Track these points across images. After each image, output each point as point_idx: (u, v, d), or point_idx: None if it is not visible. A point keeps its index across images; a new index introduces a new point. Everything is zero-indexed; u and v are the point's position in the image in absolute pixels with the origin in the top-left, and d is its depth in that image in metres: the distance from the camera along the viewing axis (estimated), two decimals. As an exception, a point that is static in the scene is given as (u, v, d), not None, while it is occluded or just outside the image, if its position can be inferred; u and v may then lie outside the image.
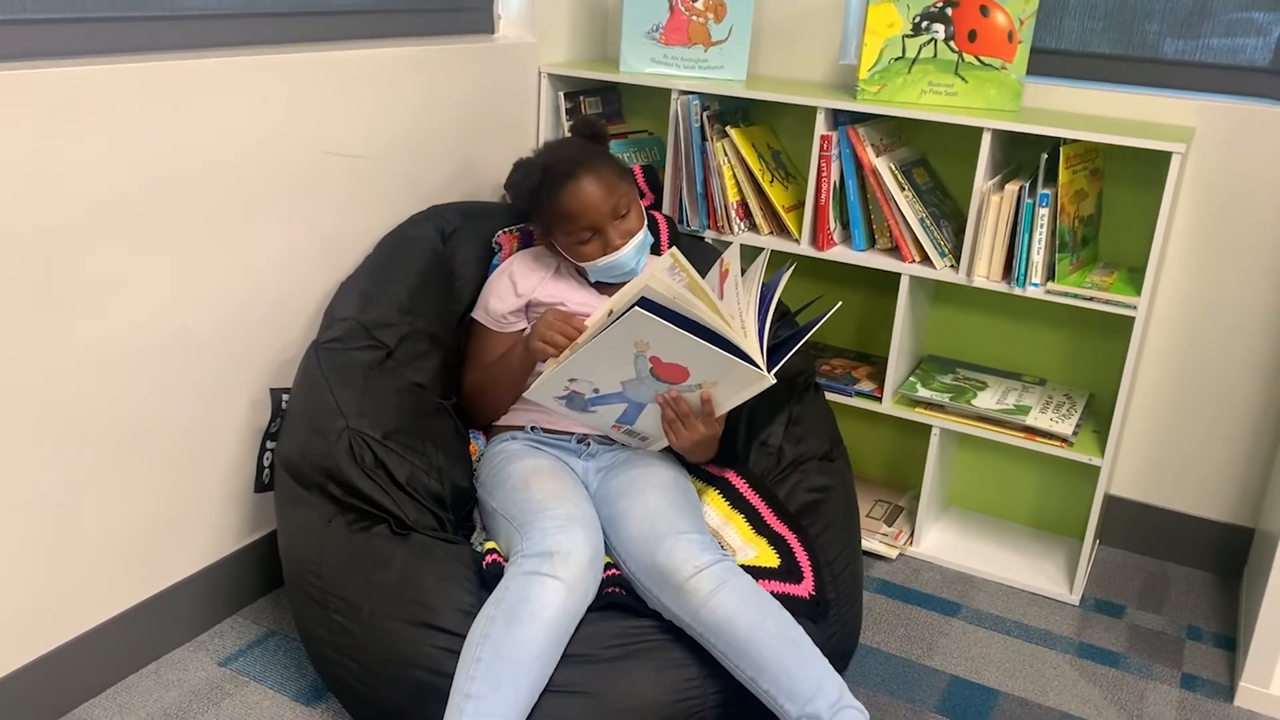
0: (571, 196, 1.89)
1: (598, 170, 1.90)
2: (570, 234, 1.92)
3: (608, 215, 1.90)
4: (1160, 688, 2.01)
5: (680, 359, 1.67)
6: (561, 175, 1.90)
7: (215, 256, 1.82)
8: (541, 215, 1.96)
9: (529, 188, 1.94)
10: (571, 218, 1.90)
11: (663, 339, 1.64)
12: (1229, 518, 2.39)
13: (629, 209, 1.94)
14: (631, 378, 1.73)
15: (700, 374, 1.72)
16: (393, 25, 2.21)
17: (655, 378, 1.72)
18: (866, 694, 1.93)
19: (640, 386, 1.75)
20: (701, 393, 1.77)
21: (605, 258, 1.92)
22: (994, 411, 2.26)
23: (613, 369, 1.72)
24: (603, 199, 1.89)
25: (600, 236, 1.91)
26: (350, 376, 1.84)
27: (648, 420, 1.83)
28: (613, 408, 1.81)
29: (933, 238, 2.21)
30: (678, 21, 2.41)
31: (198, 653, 1.93)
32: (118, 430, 1.74)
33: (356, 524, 1.74)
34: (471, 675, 1.53)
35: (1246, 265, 2.23)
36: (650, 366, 1.70)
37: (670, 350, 1.66)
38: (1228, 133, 2.17)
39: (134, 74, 1.62)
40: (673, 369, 1.69)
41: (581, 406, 1.83)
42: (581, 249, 1.93)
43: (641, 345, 1.67)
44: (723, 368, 1.68)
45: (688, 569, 1.64)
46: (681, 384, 1.72)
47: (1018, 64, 2.17)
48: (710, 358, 1.67)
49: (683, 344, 1.64)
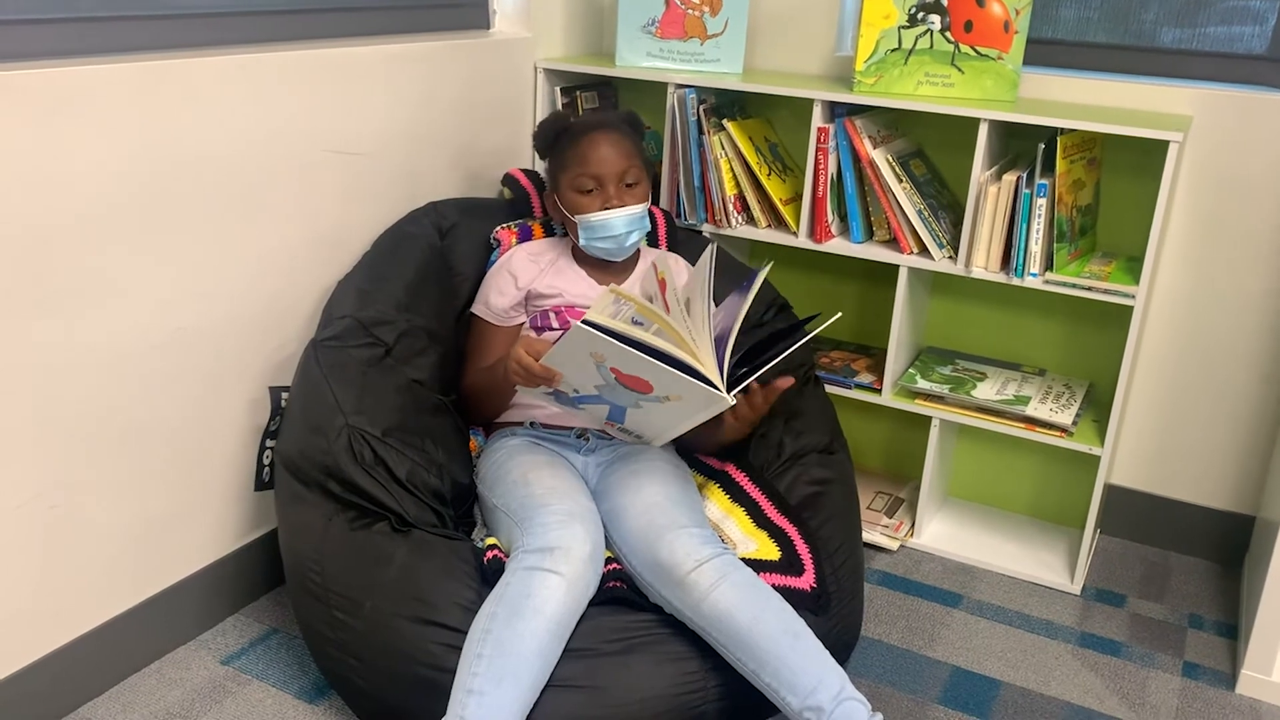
0: (590, 144, 1.94)
1: (623, 136, 1.98)
2: (574, 180, 1.95)
3: (616, 174, 1.94)
4: (1162, 676, 2.01)
5: (638, 373, 1.66)
6: (587, 125, 1.98)
7: (213, 255, 1.82)
8: (555, 159, 2.01)
9: (555, 130, 2.01)
10: (582, 162, 1.94)
11: (614, 354, 1.63)
12: (1230, 506, 2.39)
13: (637, 183, 1.97)
14: (603, 384, 1.73)
15: (662, 387, 1.69)
16: (388, 22, 2.20)
17: (624, 386, 1.72)
18: (869, 685, 1.93)
19: (615, 391, 1.75)
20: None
21: (599, 214, 1.93)
22: (994, 402, 2.26)
23: (583, 375, 1.72)
24: (616, 159, 1.94)
25: (602, 191, 1.94)
26: (349, 374, 1.84)
27: (638, 421, 1.81)
28: (598, 407, 1.81)
29: (931, 229, 2.21)
30: (673, 15, 2.40)
31: (200, 651, 1.93)
32: (117, 429, 1.74)
33: (357, 521, 1.74)
34: (474, 671, 1.54)
35: (1245, 252, 2.23)
36: (615, 377, 1.70)
37: (626, 364, 1.65)
38: (1225, 121, 2.17)
39: (130, 73, 1.62)
40: (635, 380, 1.68)
41: (569, 404, 1.83)
42: (580, 198, 1.95)
43: (598, 357, 1.67)
44: (682, 388, 1.66)
45: (688, 563, 1.64)
46: (649, 395, 1.71)
47: (1014, 54, 2.17)
48: (664, 375, 1.64)
49: (635, 361, 1.63)
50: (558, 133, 2.00)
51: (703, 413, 1.72)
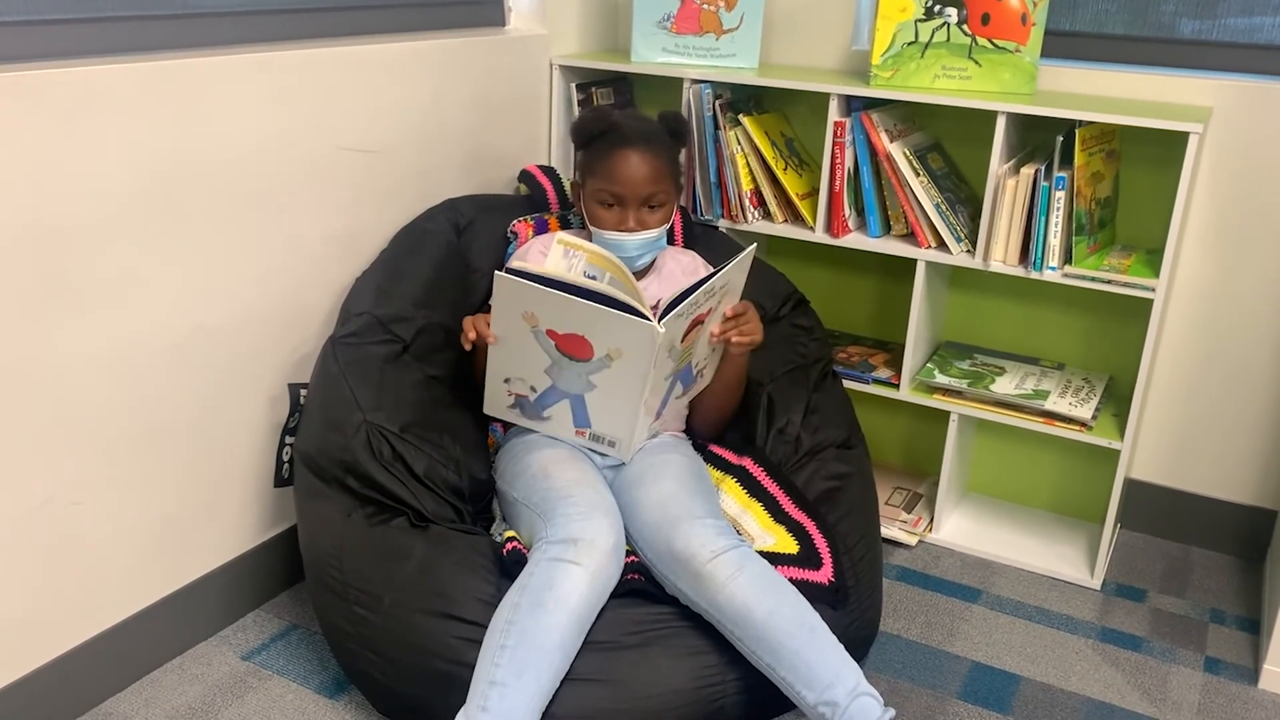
0: (621, 160, 1.90)
1: (656, 156, 1.92)
2: (598, 191, 1.92)
3: (639, 196, 1.90)
4: (1183, 671, 2.00)
5: (572, 327, 1.67)
6: (623, 137, 1.91)
7: (230, 253, 1.83)
8: (587, 158, 1.96)
9: (592, 131, 1.95)
10: (608, 177, 1.90)
11: (542, 305, 1.65)
12: (1251, 500, 2.37)
13: (661, 206, 1.94)
14: (549, 364, 1.75)
15: (601, 341, 1.69)
16: (403, 20, 2.21)
17: (568, 358, 1.71)
18: (888, 681, 1.92)
19: (563, 373, 1.75)
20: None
21: (614, 233, 1.92)
22: (1012, 397, 2.25)
23: (526, 354, 1.74)
24: (644, 180, 1.90)
25: (621, 209, 1.92)
26: (367, 371, 1.84)
27: (602, 417, 1.81)
28: (560, 407, 1.82)
29: (948, 223, 2.20)
30: (689, 10, 2.40)
31: (221, 647, 1.95)
32: (136, 428, 1.75)
33: (376, 517, 1.74)
34: (496, 662, 1.54)
35: (1266, 245, 2.21)
36: (554, 344, 1.70)
37: (558, 318, 1.66)
38: (1246, 112, 2.15)
39: (146, 73, 1.63)
40: (574, 341, 1.68)
41: (534, 413, 1.84)
42: (600, 210, 1.93)
43: (530, 318, 1.68)
44: (611, 326, 1.66)
45: (704, 553, 1.64)
46: (592, 359, 1.71)
47: (1032, 46, 2.16)
48: (593, 316, 1.65)
49: (562, 306, 1.63)
50: (596, 134, 1.94)
51: (645, 362, 1.70)
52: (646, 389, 1.75)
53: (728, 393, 2.02)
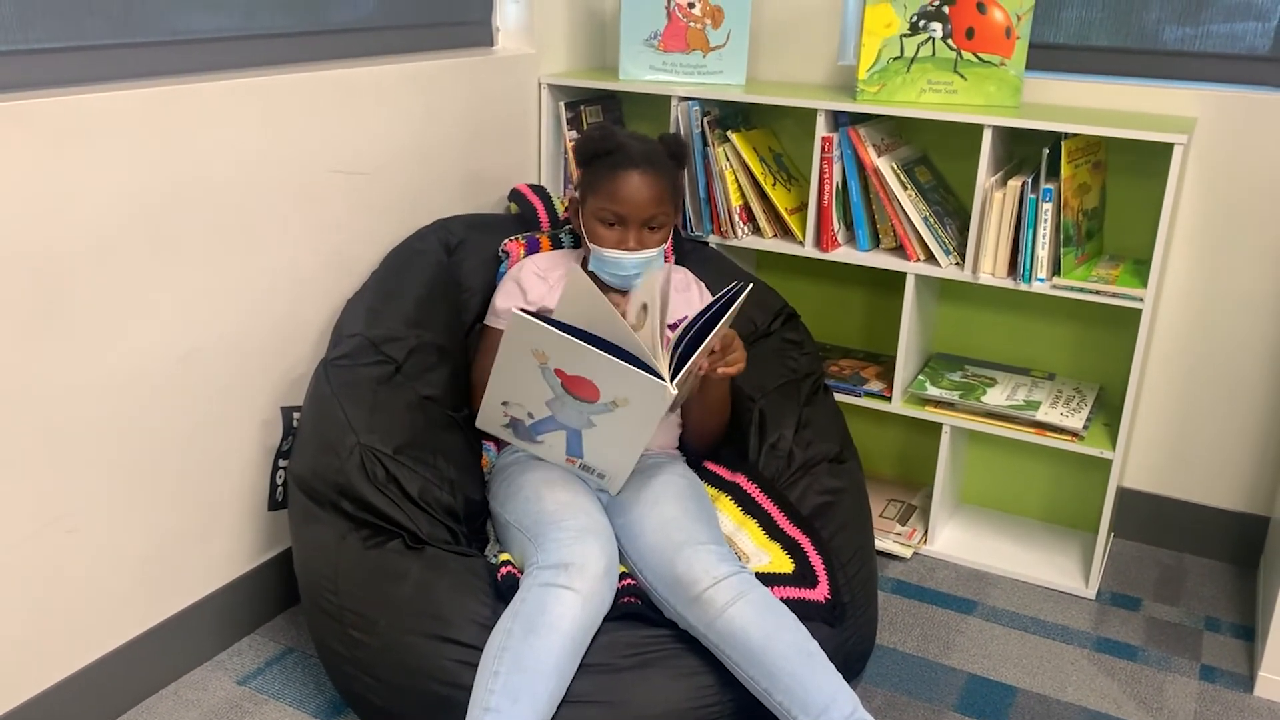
0: (623, 181, 1.90)
1: (659, 179, 1.92)
2: (599, 210, 1.92)
3: (641, 218, 1.91)
4: (1179, 679, 2.00)
5: (582, 371, 1.67)
6: (627, 159, 1.91)
7: (223, 277, 1.83)
8: (588, 176, 1.96)
9: (595, 150, 1.95)
10: (612, 197, 1.90)
11: (555, 347, 1.64)
12: (1244, 507, 2.38)
13: (661, 227, 1.95)
14: (551, 397, 1.74)
15: (608, 389, 1.70)
16: (392, 42, 2.22)
17: (573, 396, 1.72)
18: (884, 695, 1.93)
19: (564, 408, 1.75)
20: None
21: (613, 251, 1.93)
22: (1004, 407, 2.25)
23: (530, 385, 1.73)
24: (646, 202, 1.90)
25: (622, 229, 1.92)
26: (360, 392, 1.84)
27: (596, 452, 1.81)
28: (555, 435, 1.81)
29: (937, 236, 2.21)
30: (675, 28, 2.41)
31: (216, 672, 1.94)
32: (130, 452, 1.75)
33: (370, 539, 1.74)
34: (490, 688, 1.54)
35: (1252, 252, 2.22)
36: (560, 382, 1.70)
37: (569, 361, 1.66)
38: (1230, 122, 2.17)
39: (137, 99, 1.64)
40: (580, 383, 1.68)
41: (527, 436, 1.84)
42: (600, 229, 1.93)
43: (540, 356, 1.67)
44: (623, 379, 1.66)
45: (706, 580, 1.64)
46: (596, 403, 1.72)
47: (1016, 60, 2.17)
48: (606, 367, 1.65)
49: (575, 352, 1.64)
50: (601, 153, 1.94)
51: (652, 415, 1.70)
52: (648, 438, 1.75)
53: (715, 414, 2.03)
